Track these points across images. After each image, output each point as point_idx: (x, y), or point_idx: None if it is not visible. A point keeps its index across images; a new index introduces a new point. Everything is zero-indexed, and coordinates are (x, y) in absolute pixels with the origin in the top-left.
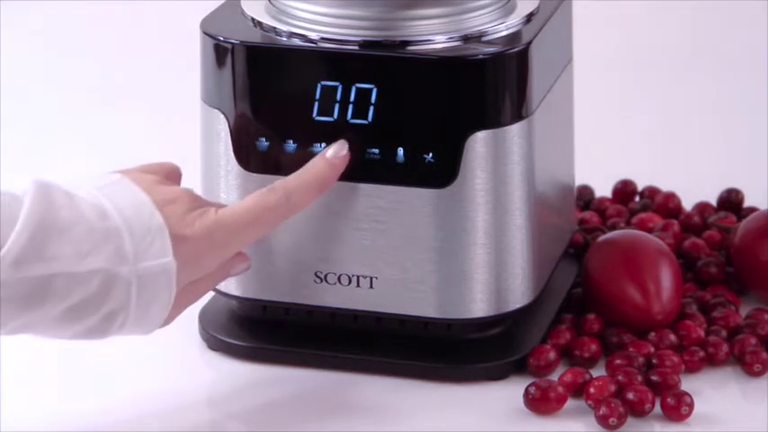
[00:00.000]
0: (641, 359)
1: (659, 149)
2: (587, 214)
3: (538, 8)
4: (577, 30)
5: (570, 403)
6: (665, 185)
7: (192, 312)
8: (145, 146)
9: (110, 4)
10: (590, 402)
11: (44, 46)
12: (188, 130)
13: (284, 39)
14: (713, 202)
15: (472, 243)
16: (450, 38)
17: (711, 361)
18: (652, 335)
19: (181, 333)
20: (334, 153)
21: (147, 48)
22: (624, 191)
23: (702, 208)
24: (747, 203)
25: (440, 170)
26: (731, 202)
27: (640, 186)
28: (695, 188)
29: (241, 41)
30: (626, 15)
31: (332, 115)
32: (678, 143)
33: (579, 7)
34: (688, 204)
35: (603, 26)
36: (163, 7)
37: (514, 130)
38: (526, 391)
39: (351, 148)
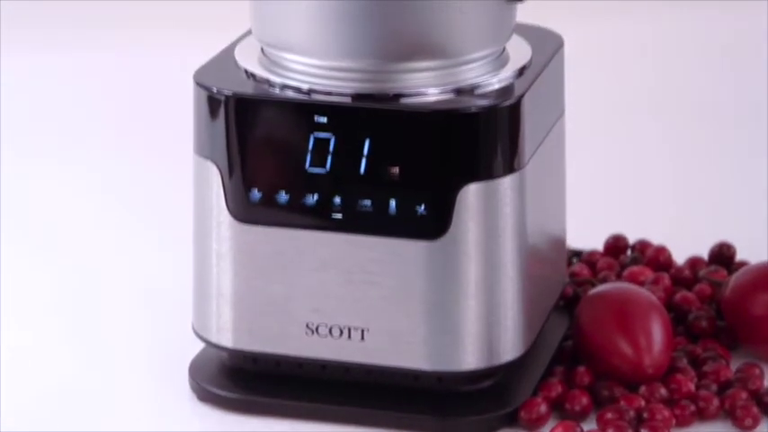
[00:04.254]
0: (632, 413)
1: (651, 202)
2: (578, 267)
3: (530, 61)
4: (569, 82)
5: None
6: (656, 238)
7: (183, 363)
8: (137, 196)
9: (101, 56)
10: None
11: (38, 95)
12: (181, 181)
13: (277, 90)
14: (705, 254)
15: (463, 295)
16: (443, 90)
17: (702, 415)
18: (643, 388)
19: (171, 384)
20: None
21: (141, 99)
22: (615, 246)
23: (694, 262)
24: (739, 257)
25: (432, 222)
26: (723, 255)
27: (632, 239)
28: (687, 241)
29: (234, 93)
30: (617, 68)
31: (324, 167)
32: (671, 196)
33: (570, 60)
34: (680, 257)
35: (595, 79)
36: (157, 59)
37: (506, 183)
38: None
39: (343, 200)
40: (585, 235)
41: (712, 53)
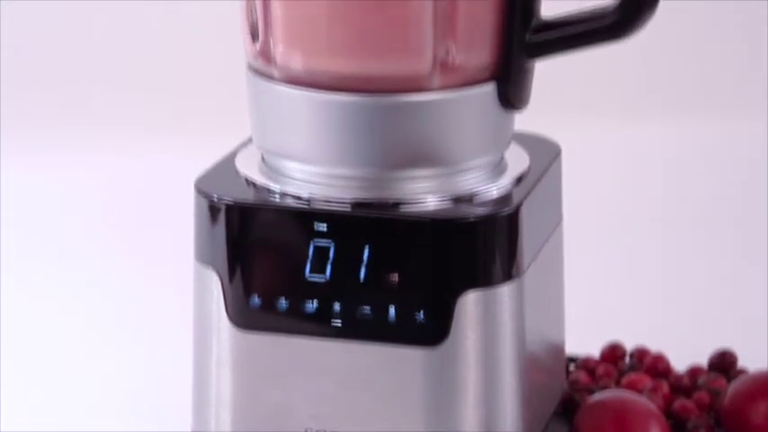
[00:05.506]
0: None
1: (649, 308)
2: (577, 374)
3: (528, 170)
4: (566, 189)
5: None
6: (654, 345)
7: None
8: (136, 302)
9: (101, 162)
10: None
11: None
12: (180, 287)
13: (277, 198)
14: (704, 361)
15: (463, 402)
16: (442, 198)
17: None
18: None
19: None
20: None
21: (140, 206)
22: (613, 354)
23: (694, 371)
24: (739, 365)
25: (431, 329)
26: (723, 363)
27: (630, 346)
28: (686, 348)
29: (234, 200)
30: (614, 175)
31: (324, 274)
32: (669, 302)
33: (567, 167)
34: (679, 364)
35: (592, 185)
36: (157, 166)
37: (505, 291)
38: None
39: (343, 307)
40: (583, 340)
41: (709, 160)
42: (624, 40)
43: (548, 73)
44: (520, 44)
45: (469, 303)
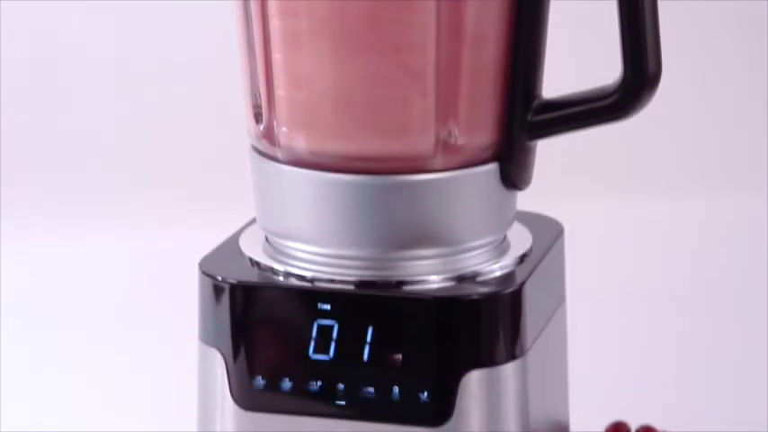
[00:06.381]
0: None
1: (654, 387)
2: None
3: (531, 249)
4: (569, 267)
5: None
6: (659, 423)
7: None
8: (141, 384)
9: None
10: None
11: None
12: (185, 368)
13: (281, 278)
14: None
15: None
16: (445, 278)
17: None
18: None
19: None
20: None
21: (145, 288)
22: None
23: None
24: None
25: (435, 409)
26: None
27: (634, 425)
28: (690, 427)
29: (239, 281)
30: (618, 255)
31: (328, 354)
32: (673, 381)
33: (570, 245)
34: None
35: (596, 264)
36: (161, 246)
37: (509, 370)
38: None
39: (346, 387)
40: (587, 419)
41: (710, 237)
42: (625, 120)
43: (548, 151)
44: (521, 124)
45: (473, 383)
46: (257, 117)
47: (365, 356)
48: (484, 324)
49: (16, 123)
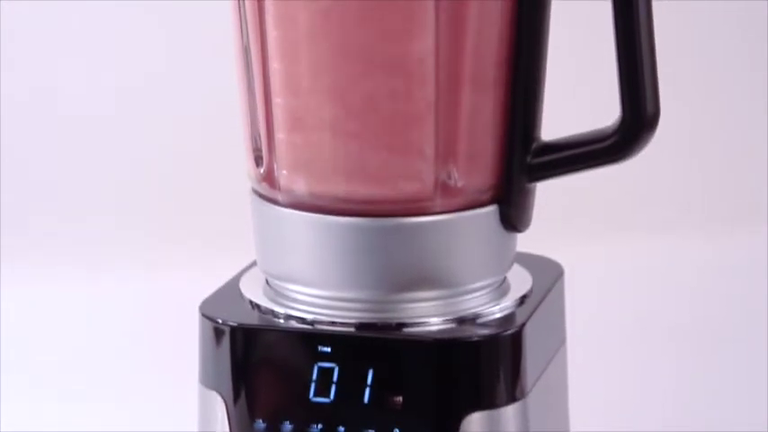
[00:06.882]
0: None
1: (657, 427)
2: None
3: (531, 290)
4: (570, 309)
5: None
6: None
7: None
8: (142, 428)
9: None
10: None
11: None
12: (186, 412)
13: (281, 321)
14: None
15: None
16: (445, 320)
17: None
18: None
19: None
20: None
21: (145, 331)
22: None
23: None
24: None
25: None
26: None
27: None
28: None
29: (239, 324)
30: (618, 295)
31: (328, 396)
32: (676, 420)
33: (570, 286)
34: None
35: (596, 305)
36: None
37: (509, 412)
38: None
39: (347, 430)
40: None
41: (713, 281)
42: (624, 162)
43: (548, 193)
44: (521, 167)
45: (474, 425)
46: (257, 160)
47: (366, 399)
48: (484, 366)
49: (17, 169)
